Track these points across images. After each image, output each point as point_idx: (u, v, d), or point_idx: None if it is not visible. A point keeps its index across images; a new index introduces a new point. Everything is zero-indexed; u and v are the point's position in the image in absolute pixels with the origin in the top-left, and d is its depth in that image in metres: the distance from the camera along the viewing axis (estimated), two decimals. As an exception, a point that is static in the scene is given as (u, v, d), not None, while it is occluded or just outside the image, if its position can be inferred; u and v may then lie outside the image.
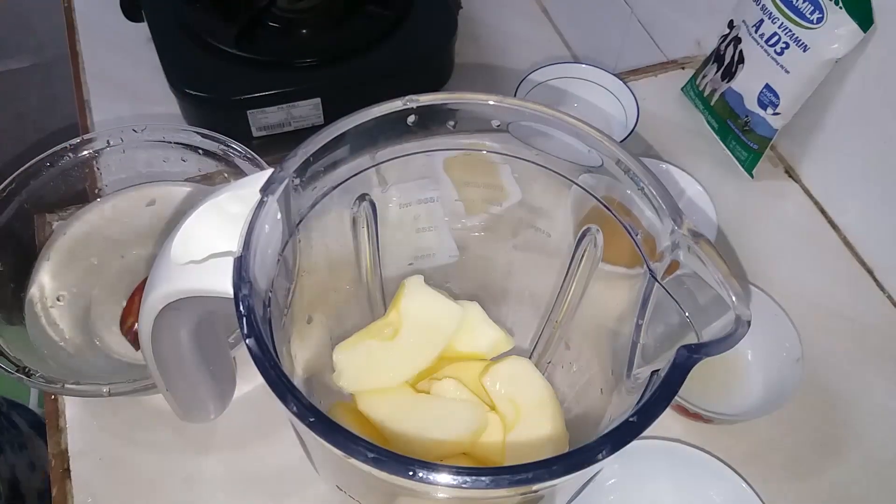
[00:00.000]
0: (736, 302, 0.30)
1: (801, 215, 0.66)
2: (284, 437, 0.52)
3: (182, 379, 0.46)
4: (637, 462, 0.49)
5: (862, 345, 0.59)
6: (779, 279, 0.61)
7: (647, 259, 0.35)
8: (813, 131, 0.65)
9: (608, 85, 0.68)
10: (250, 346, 0.30)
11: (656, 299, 0.34)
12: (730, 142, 0.69)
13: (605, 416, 0.38)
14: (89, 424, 0.52)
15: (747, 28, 0.64)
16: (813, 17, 0.58)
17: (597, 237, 0.40)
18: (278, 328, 0.35)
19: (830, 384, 0.56)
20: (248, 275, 0.32)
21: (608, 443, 0.29)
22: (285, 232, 0.36)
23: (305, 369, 0.41)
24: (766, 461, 0.52)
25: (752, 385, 0.55)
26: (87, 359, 0.54)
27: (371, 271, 0.46)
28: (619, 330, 0.40)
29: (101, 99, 0.81)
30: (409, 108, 0.37)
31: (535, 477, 0.28)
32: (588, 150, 0.37)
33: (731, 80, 0.67)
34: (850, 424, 0.55)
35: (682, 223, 0.33)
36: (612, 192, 0.37)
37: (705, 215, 0.60)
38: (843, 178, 0.64)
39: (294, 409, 0.29)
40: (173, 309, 0.37)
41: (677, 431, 0.53)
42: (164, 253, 0.35)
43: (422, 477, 0.27)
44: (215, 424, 0.52)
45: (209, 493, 0.50)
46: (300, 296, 0.39)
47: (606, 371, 0.41)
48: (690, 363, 0.30)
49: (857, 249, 0.64)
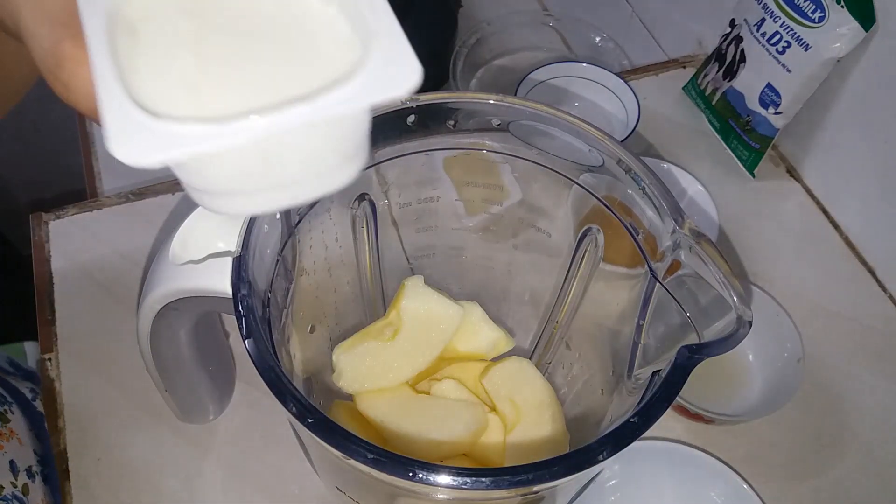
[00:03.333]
0: (737, 302, 0.30)
1: (803, 215, 0.66)
2: (284, 438, 0.51)
3: (181, 379, 0.45)
4: (638, 463, 0.49)
5: (863, 345, 0.58)
6: (780, 279, 0.61)
7: (649, 259, 0.35)
8: (815, 131, 0.65)
9: (609, 84, 0.68)
10: (249, 347, 0.30)
11: (657, 299, 0.34)
12: (731, 141, 0.69)
13: (605, 417, 0.38)
14: (89, 424, 0.52)
15: (749, 27, 0.64)
16: (815, 16, 0.58)
17: (597, 237, 0.40)
18: (277, 328, 0.35)
19: (831, 384, 0.56)
20: (246, 275, 0.32)
21: (609, 443, 0.29)
22: (284, 232, 0.36)
23: (305, 369, 0.41)
24: (766, 461, 0.52)
25: (753, 385, 0.54)
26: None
27: (371, 271, 0.46)
28: (619, 330, 0.40)
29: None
30: (408, 108, 0.37)
31: (535, 478, 0.27)
32: (589, 150, 0.36)
33: (733, 80, 0.67)
34: (850, 424, 0.54)
35: (683, 223, 0.33)
36: (613, 192, 0.37)
37: (707, 215, 0.60)
38: (844, 177, 0.64)
39: (293, 409, 0.28)
40: (172, 309, 0.37)
41: (678, 432, 0.53)
42: (163, 253, 0.35)
43: (422, 478, 0.27)
44: (215, 424, 0.52)
45: (209, 493, 0.50)
46: (299, 296, 0.39)
47: (607, 371, 0.41)
48: (691, 364, 0.30)
49: (859, 249, 0.64)
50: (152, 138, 0.20)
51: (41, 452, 0.58)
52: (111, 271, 0.59)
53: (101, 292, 0.58)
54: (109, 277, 0.59)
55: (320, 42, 0.23)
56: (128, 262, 0.60)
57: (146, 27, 0.23)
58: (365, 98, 0.21)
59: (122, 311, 0.57)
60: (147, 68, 0.22)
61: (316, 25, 0.24)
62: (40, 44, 0.23)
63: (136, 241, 0.61)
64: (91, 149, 0.76)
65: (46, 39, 0.23)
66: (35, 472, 0.56)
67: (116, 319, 0.56)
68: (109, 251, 0.60)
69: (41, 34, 0.23)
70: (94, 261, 0.60)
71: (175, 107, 0.21)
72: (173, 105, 0.21)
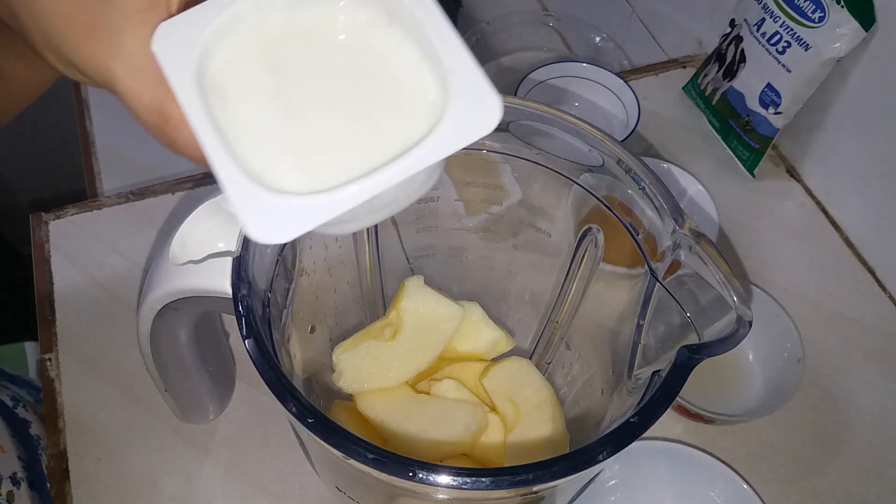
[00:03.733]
0: (737, 302, 0.30)
1: (803, 215, 0.66)
2: (284, 438, 0.51)
3: (181, 379, 0.45)
4: (638, 463, 0.49)
5: (863, 345, 0.58)
6: (780, 279, 0.61)
7: (649, 259, 0.35)
8: (815, 131, 0.65)
9: (609, 84, 0.68)
10: (249, 347, 0.30)
11: (657, 299, 0.34)
12: (731, 141, 0.69)
13: (605, 417, 0.38)
14: (88, 424, 0.52)
15: (749, 27, 0.64)
16: (815, 16, 0.58)
17: (597, 237, 0.40)
18: (277, 328, 0.35)
19: (831, 384, 0.56)
20: (247, 275, 0.32)
21: (609, 444, 0.29)
22: (284, 232, 0.36)
23: (305, 369, 0.41)
24: (766, 461, 0.52)
25: (753, 385, 0.54)
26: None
27: (371, 271, 0.46)
28: (619, 330, 0.40)
29: (100, 98, 0.81)
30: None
31: (535, 478, 0.27)
32: (589, 150, 0.36)
33: (733, 80, 0.67)
34: (850, 424, 0.54)
35: (683, 223, 0.33)
36: (613, 192, 0.37)
37: (707, 215, 0.60)
38: (844, 177, 0.64)
39: (293, 409, 0.28)
40: (172, 309, 0.37)
41: (678, 432, 0.53)
42: (163, 253, 0.35)
43: (422, 478, 0.27)
44: (215, 424, 0.52)
45: (209, 493, 0.50)
46: (299, 296, 0.39)
47: (607, 371, 0.41)
48: (691, 364, 0.30)
49: (859, 249, 0.64)
50: (283, 217, 0.22)
51: (26, 458, 0.57)
52: (111, 271, 0.59)
53: (100, 292, 0.58)
54: (109, 277, 0.59)
55: (400, 85, 0.25)
56: (128, 262, 0.60)
57: (231, 87, 0.24)
58: (455, 144, 0.23)
59: (122, 310, 0.57)
60: (245, 131, 0.24)
61: (392, 68, 0.25)
62: (140, 99, 0.24)
63: (136, 241, 0.61)
64: (91, 149, 0.76)
65: (146, 96, 0.24)
66: (20, 479, 0.55)
67: (116, 319, 0.56)
68: (109, 251, 0.60)
69: (138, 90, 0.24)
70: (94, 261, 0.60)
71: (287, 178, 0.23)
72: (285, 175, 0.23)
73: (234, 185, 0.22)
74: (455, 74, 0.23)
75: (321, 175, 0.23)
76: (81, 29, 0.25)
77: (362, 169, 0.23)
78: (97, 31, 0.24)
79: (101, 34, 0.24)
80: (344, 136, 0.24)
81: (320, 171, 0.23)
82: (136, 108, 0.25)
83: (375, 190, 0.22)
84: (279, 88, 0.24)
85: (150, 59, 0.24)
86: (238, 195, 0.22)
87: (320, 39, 0.25)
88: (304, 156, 0.24)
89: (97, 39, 0.24)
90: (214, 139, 0.23)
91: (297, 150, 0.24)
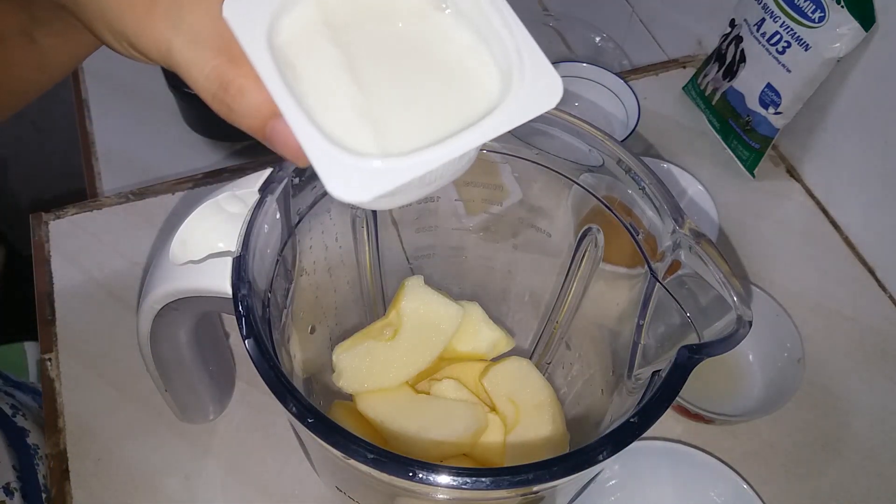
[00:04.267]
0: (737, 302, 0.30)
1: (803, 215, 0.66)
2: (284, 438, 0.51)
3: (181, 380, 0.45)
4: (638, 463, 0.49)
5: (863, 345, 0.58)
6: (780, 279, 0.61)
7: (649, 259, 0.35)
8: (815, 131, 0.65)
9: (609, 84, 0.68)
10: (249, 347, 0.30)
11: (657, 299, 0.34)
12: (731, 141, 0.69)
13: (605, 417, 0.38)
14: (89, 424, 0.52)
15: (749, 27, 0.64)
16: (815, 16, 0.58)
17: (597, 237, 0.40)
18: (277, 328, 0.35)
19: (831, 384, 0.56)
20: (247, 275, 0.32)
21: (609, 443, 0.29)
22: (284, 232, 0.36)
23: (305, 369, 0.41)
24: (766, 461, 0.52)
25: (753, 385, 0.54)
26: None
27: (371, 271, 0.46)
28: (619, 330, 0.40)
29: (100, 98, 0.81)
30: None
31: (535, 478, 0.27)
32: (589, 150, 0.36)
33: (733, 80, 0.67)
34: (850, 424, 0.54)
35: (683, 223, 0.33)
36: (613, 192, 0.37)
37: (707, 215, 0.60)
38: (844, 177, 0.64)
39: (293, 409, 0.28)
40: (172, 309, 0.37)
41: (678, 432, 0.53)
42: (163, 253, 0.35)
43: (422, 478, 0.27)
44: (215, 425, 0.52)
45: (209, 493, 0.50)
46: (299, 296, 0.39)
47: (607, 371, 0.41)
48: (691, 364, 0.30)
49: (859, 249, 0.64)
50: (361, 177, 0.23)
51: (20, 468, 0.57)
52: (111, 271, 0.59)
53: (100, 292, 0.58)
54: (109, 277, 0.59)
55: (461, 62, 0.26)
56: (128, 262, 0.60)
57: (300, 59, 0.25)
58: (520, 118, 0.24)
59: (122, 310, 0.57)
60: (318, 100, 0.25)
61: (453, 47, 0.26)
62: (201, 69, 0.25)
63: (136, 241, 0.61)
64: (91, 149, 0.76)
65: (206, 66, 0.25)
66: (14, 489, 0.55)
67: (116, 319, 0.56)
68: (109, 251, 0.60)
69: (199, 60, 0.25)
70: (94, 261, 0.60)
71: (363, 141, 0.24)
72: (361, 140, 0.24)
73: (315, 145, 0.23)
74: (517, 54, 0.24)
75: (395, 142, 0.24)
76: (139, 4, 0.25)
77: (433, 138, 0.24)
78: (156, 5, 0.25)
79: (160, 7, 0.25)
80: (412, 108, 0.25)
81: (394, 139, 0.24)
82: (197, 78, 0.25)
83: (454, 153, 0.23)
84: (347, 62, 0.25)
85: (210, 29, 0.25)
86: (320, 155, 0.23)
87: (383, 19, 0.26)
88: (378, 124, 0.25)
89: (156, 13, 0.25)
90: (292, 102, 0.23)
91: (370, 119, 0.25)
